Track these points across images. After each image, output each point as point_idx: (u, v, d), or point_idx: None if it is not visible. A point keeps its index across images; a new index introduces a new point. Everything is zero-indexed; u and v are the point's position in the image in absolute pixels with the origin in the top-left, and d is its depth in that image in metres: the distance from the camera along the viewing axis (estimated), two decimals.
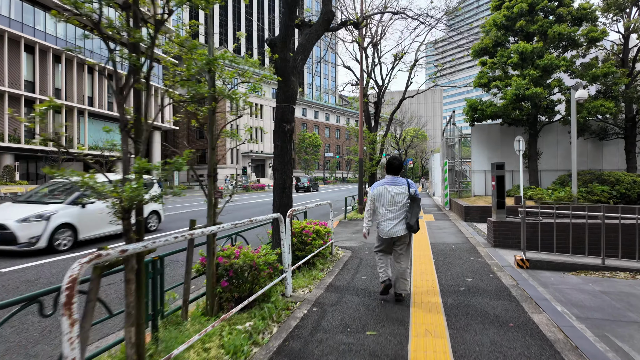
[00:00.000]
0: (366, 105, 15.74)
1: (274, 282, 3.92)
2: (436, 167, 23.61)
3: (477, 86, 12.75)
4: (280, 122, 5.06)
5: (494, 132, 13.97)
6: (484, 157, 14.04)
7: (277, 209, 4.93)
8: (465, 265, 5.42)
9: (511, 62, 11.50)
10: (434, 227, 9.49)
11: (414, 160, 70.20)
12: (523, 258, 5.10)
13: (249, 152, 55.85)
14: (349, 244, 7.45)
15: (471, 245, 6.86)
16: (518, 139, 10.57)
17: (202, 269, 3.66)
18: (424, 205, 16.50)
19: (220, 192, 3.62)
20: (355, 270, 5.38)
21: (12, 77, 28.22)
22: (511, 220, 6.56)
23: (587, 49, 11.41)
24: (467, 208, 10.42)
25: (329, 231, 6.22)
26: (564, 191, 10.41)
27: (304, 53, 5.42)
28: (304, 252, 5.34)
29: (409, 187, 3.93)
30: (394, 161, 4.05)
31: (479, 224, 9.99)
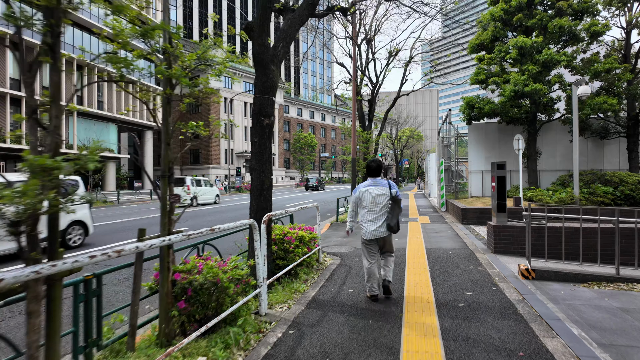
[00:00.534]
0: (360, 103, 15.23)
1: (245, 299, 3.37)
2: (432, 167, 23.15)
3: (474, 83, 12.28)
4: (258, 115, 4.51)
5: (492, 131, 13.51)
6: (481, 156, 13.57)
7: (255, 214, 4.38)
8: (464, 275, 4.90)
9: (509, 58, 11.03)
10: (430, 230, 8.97)
11: (409, 160, 69.91)
12: (528, 267, 4.59)
13: (243, 152, 55.18)
14: (338, 249, 6.91)
15: (470, 251, 6.34)
16: (517, 137, 10.10)
17: (157, 287, 3.10)
18: (420, 207, 16.01)
19: (177, 195, 3.07)
20: (342, 280, 4.84)
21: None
22: (513, 224, 6.06)
23: (589, 44, 10.97)
24: (464, 210, 9.93)
25: (315, 237, 5.68)
26: (566, 192, 9.94)
27: (285, 40, 4.87)
28: (285, 260, 4.80)
29: (390, 188, 3.99)
30: (372, 163, 4.13)
31: (477, 226, 9.49)
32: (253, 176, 4.51)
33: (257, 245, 3.69)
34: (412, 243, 7.17)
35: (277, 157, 63.11)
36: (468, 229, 8.98)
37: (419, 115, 63.40)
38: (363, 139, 14.36)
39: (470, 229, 9.10)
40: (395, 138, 51.21)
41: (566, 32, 10.71)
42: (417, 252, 6.31)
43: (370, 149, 14.81)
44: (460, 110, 12.95)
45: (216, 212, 15.10)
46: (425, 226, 9.66)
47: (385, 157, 65.31)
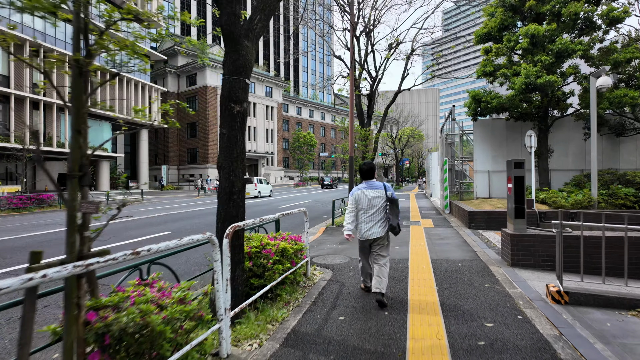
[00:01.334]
0: (358, 98, 14.37)
1: (197, 341, 2.52)
2: (434, 166, 22.29)
3: (481, 75, 11.40)
4: (227, 101, 3.65)
5: (499, 127, 12.64)
6: (487, 155, 12.70)
7: (222, 223, 3.52)
8: (479, 296, 4.04)
9: (519, 48, 10.16)
10: (434, 236, 8.11)
11: (410, 160, 69.02)
12: (560, 289, 3.73)
13: None
14: (331, 259, 6.05)
15: (482, 263, 5.48)
16: (529, 134, 9.24)
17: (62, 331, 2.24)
18: (422, 208, 15.15)
19: (93, 203, 2.20)
20: (332, 303, 3.98)
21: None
22: (534, 232, 5.19)
23: (605, 32, 10.09)
24: (471, 213, 9.07)
25: (301, 248, 4.82)
26: (582, 194, 9.08)
27: (264, 12, 4.01)
28: (262, 279, 3.94)
29: (385, 190, 4.00)
30: (364, 166, 4.15)
31: (486, 232, 8.63)
32: (221, 176, 3.65)
33: (217, 266, 2.83)
34: (415, 252, 6.31)
35: (276, 156, 62.29)
36: (477, 235, 8.11)
37: (419, 114, 62.56)
38: (361, 136, 13.49)
39: (479, 234, 8.24)
40: (395, 137, 50.36)
41: (581, 19, 9.84)
42: (422, 265, 5.45)
43: (369, 147, 13.94)
44: (465, 105, 12.09)
45: (192, 216, 14.25)
46: (429, 231, 8.80)
47: (385, 156, 64.45)
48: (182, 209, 16.50)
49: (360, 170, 4.17)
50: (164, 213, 14.56)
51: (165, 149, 54.86)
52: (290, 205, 17.88)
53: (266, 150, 59.86)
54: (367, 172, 4.13)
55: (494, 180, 12.60)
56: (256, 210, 15.37)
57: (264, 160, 59.47)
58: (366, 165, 4.15)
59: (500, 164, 12.56)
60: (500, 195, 12.47)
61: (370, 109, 14.30)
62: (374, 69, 14.22)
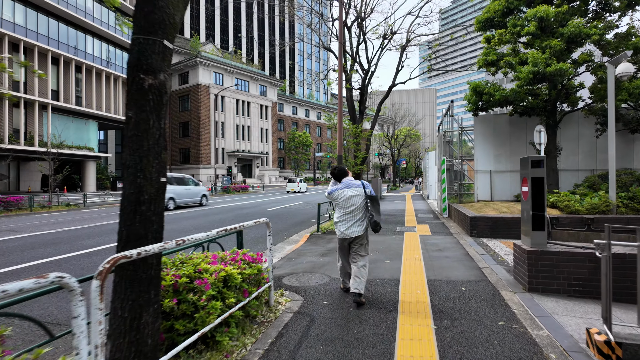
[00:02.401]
0: (349, 93, 13.28)
1: None
2: (431, 166, 21.24)
3: (482, 66, 10.35)
4: (134, 71, 2.53)
5: (502, 123, 11.59)
6: (489, 154, 11.65)
7: (123, 246, 2.41)
8: (493, 343, 2.95)
9: (526, 33, 9.10)
10: (432, 246, 7.02)
11: (407, 160, 68.05)
12: (609, 338, 2.64)
13: (234, 151, 53.16)
14: (307, 279, 4.95)
15: (491, 286, 4.39)
16: (539, 129, 8.18)
17: None
18: (418, 212, 14.08)
19: None
20: (292, 352, 2.87)
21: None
22: (558, 248, 4.10)
23: (622, 15, 9.06)
24: (473, 219, 7.99)
25: (258, 271, 3.71)
26: (598, 197, 8.03)
27: None
28: (194, 321, 2.82)
29: (364, 188, 4.03)
30: (334, 171, 4.18)
31: (490, 240, 7.55)
32: (126, 178, 2.53)
33: (78, 327, 1.72)
34: (408, 270, 5.21)
35: (271, 156, 61.22)
36: (480, 245, 7.02)
37: (416, 114, 61.64)
38: (352, 133, 12.40)
39: (483, 244, 7.15)
40: (392, 137, 49.37)
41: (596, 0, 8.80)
42: (416, 288, 4.35)
43: (361, 146, 12.85)
44: (465, 98, 11.02)
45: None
46: (426, 240, 7.71)
47: (382, 156, 63.46)
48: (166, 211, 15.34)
49: (332, 175, 4.19)
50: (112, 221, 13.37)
51: None
52: (279, 208, 16.77)
53: (260, 150, 58.70)
54: (338, 176, 4.14)
55: (497, 182, 11.55)
56: (238, 214, 14.24)
57: (258, 161, 58.32)
58: (336, 170, 4.19)
59: (503, 163, 11.51)
60: (504, 198, 11.42)
61: (362, 104, 13.21)
62: (366, 61, 13.13)
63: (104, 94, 35.40)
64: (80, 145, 33.80)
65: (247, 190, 36.59)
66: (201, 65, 49.95)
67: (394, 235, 8.32)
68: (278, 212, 15.16)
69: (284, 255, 6.85)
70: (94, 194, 23.52)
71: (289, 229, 10.32)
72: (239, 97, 54.74)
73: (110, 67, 36.85)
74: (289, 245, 7.95)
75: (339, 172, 4.17)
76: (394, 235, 8.41)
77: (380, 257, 6.10)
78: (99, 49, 36.01)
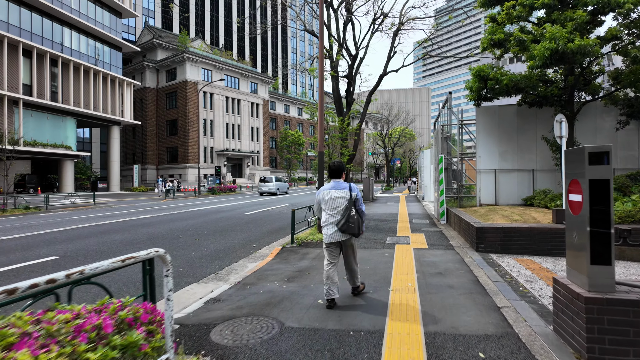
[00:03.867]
0: (335, 81, 11.71)
1: None
2: (426, 165, 19.78)
3: (488, 48, 8.85)
4: None
5: (508, 116, 10.10)
6: (493, 151, 10.16)
7: None
8: None
9: (542, 4, 7.60)
10: (429, 267, 5.47)
11: (401, 160, 66.71)
12: None
13: (224, 150, 51.38)
14: (249, 329, 3.35)
15: (525, 351, 2.82)
16: (560, 118, 6.68)
17: None
18: (412, 216, 12.57)
19: None
20: None
21: None
22: (636, 296, 2.55)
23: None
24: (480, 231, 6.45)
25: (129, 344, 2.11)
26: (632, 202, 6.55)
27: None
28: None
29: (350, 191, 3.89)
30: (332, 165, 4.00)
31: (501, 257, 6.02)
32: None
33: None
34: (397, 311, 3.65)
35: (262, 155, 59.54)
36: (491, 266, 5.48)
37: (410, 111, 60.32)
38: (338, 127, 10.83)
39: (494, 264, 5.61)
40: (385, 135, 47.97)
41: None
42: (408, 352, 2.79)
43: (348, 142, 11.29)
44: (466, 86, 9.51)
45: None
46: (422, 257, 6.16)
47: (376, 155, 62.07)
48: (127, 216, 13.66)
49: (329, 168, 3.99)
50: (91, 224, 11.70)
51: (144, 147, 51.68)
52: (259, 211, 15.17)
53: (251, 149, 56.97)
54: (335, 171, 3.96)
55: (502, 183, 10.06)
56: (209, 220, 12.61)
57: (249, 160, 56.58)
58: (335, 164, 3.98)
59: (509, 162, 10.03)
60: (510, 201, 9.93)
61: (349, 94, 11.65)
62: (354, 45, 11.56)
63: (82, 89, 33.46)
64: (56, 143, 31.87)
65: (234, 191, 34.91)
66: (189, 61, 48.11)
67: (383, 250, 6.77)
68: (257, 216, 13.56)
69: (240, 278, 5.27)
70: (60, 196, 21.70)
71: (261, 239, 8.74)
72: (229, 94, 52.97)
73: (90, 61, 34.95)
74: (252, 263, 6.38)
75: (336, 168, 3.94)
76: (382, 249, 6.86)
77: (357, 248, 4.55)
78: (77, 42, 34.09)
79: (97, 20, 36.03)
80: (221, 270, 5.97)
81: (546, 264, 5.49)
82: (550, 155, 9.43)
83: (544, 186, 9.60)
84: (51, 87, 31.34)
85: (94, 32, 35.30)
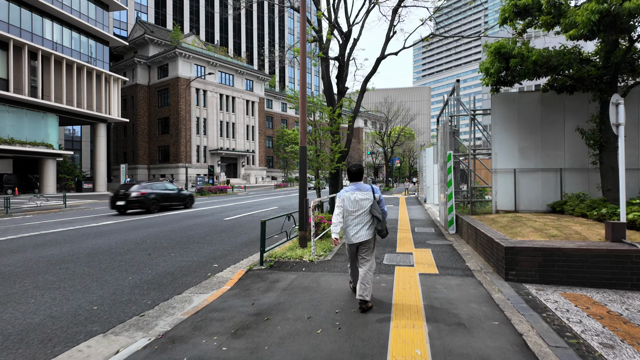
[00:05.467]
0: (325, 66, 10.00)
1: None
2: (428, 165, 18.08)
3: (509, 18, 7.12)
4: None
5: (530, 104, 8.41)
6: (513, 147, 8.47)
7: None
8: None
9: None
10: (443, 312, 3.76)
11: (401, 159, 64.98)
12: None
13: (218, 149, 49.65)
14: None
15: None
16: (616, 100, 4.98)
17: None
18: (414, 222, 10.88)
19: None
20: None
21: None
22: None
23: None
24: (510, 252, 4.72)
25: None
26: None
27: None
28: None
29: (373, 192, 3.94)
30: (352, 168, 4.03)
31: (544, 292, 4.29)
32: None
33: None
34: None
35: (258, 155, 57.87)
36: (538, 311, 3.72)
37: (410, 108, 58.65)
38: (328, 119, 9.13)
39: (541, 307, 3.86)
40: (384, 134, 46.29)
41: None
42: None
43: (339, 137, 9.58)
44: (481, 69, 7.79)
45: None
46: (432, 290, 4.45)
47: (375, 155, 60.39)
48: (88, 222, 11.94)
49: (349, 172, 4.03)
50: (37, 232, 9.97)
51: (135, 146, 49.97)
52: (242, 216, 13.46)
53: (247, 148, 55.27)
54: (356, 174, 4.01)
55: (523, 185, 8.37)
56: (178, 228, 10.90)
57: (243, 159, 54.88)
58: (355, 167, 4.01)
59: (531, 159, 8.34)
60: (533, 208, 8.25)
61: (341, 81, 9.95)
62: (346, 21, 9.83)
63: (64, 84, 31.67)
64: (36, 141, 30.10)
65: (225, 192, 33.15)
66: (181, 57, 46.41)
67: (378, 275, 5.07)
68: (237, 222, 11.86)
69: (169, 327, 3.59)
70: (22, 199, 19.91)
71: (229, 254, 7.04)
72: (223, 91, 51.25)
73: (73, 55, 33.18)
74: (200, 296, 4.68)
75: (357, 171, 4.00)
76: (377, 273, 5.15)
77: (344, 349, 2.85)
78: (59, 35, 32.32)
79: (82, 12, 34.26)
80: (152, 309, 4.28)
81: (613, 306, 3.79)
82: (584, 151, 7.75)
83: (575, 189, 7.91)
84: (30, 82, 29.58)
85: (78, 25, 33.53)
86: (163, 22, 60.28)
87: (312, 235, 6.24)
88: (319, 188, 9.21)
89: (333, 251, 6.80)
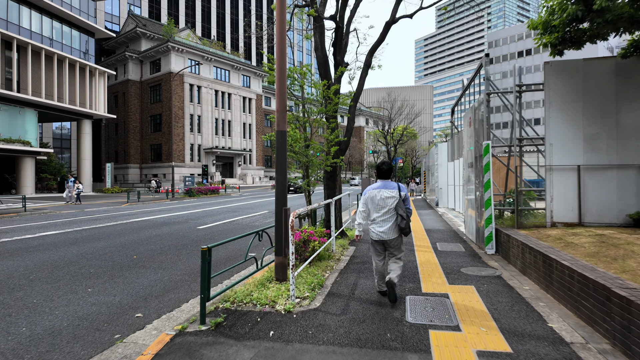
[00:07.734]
0: (319, 32, 7.66)
1: None
2: (441, 163, 15.75)
3: None
4: None
5: (601, 76, 6.07)
6: (574, 134, 6.13)
7: None
8: None
9: None
10: None
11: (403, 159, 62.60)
12: None
13: (212, 148, 47.34)
14: None
15: None
16: None
17: None
18: (432, 233, 8.55)
19: None
20: None
21: None
22: None
23: None
24: None
25: None
26: None
27: None
28: None
29: (399, 190, 3.94)
30: (383, 166, 4.04)
31: None
32: None
33: None
34: None
35: (255, 154, 55.55)
36: None
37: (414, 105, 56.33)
38: (321, 97, 6.80)
39: None
40: (387, 132, 43.99)
41: None
42: None
43: (336, 123, 7.23)
44: (533, 25, 5.43)
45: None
46: None
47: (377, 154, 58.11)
48: (26, 233, 9.63)
49: (378, 169, 4.01)
50: None
51: (126, 144, 47.70)
52: (223, 222, 11.16)
53: (243, 147, 52.97)
54: (386, 172, 4.00)
55: (591, 187, 6.03)
56: (142, 238, 8.57)
57: (240, 159, 52.57)
58: (385, 165, 4.01)
59: (603, 152, 6.00)
60: (605, 219, 5.92)
61: (338, 51, 7.61)
62: None
63: (43, 77, 29.38)
64: (11, 138, 27.82)
65: (217, 193, 30.87)
66: (174, 52, 44.15)
67: (402, 353, 2.72)
68: (212, 231, 9.56)
69: None
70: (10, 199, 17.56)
71: (170, 291, 4.73)
72: (218, 87, 48.96)
73: (54, 45, 30.93)
74: None
75: (387, 169, 3.99)
76: (402, 351, 2.81)
77: None
78: (38, 24, 30.06)
79: (65, 0, 31.99)
80: None
81: None
82: None
83: None
84: (5, 74, 27.33)
85: (60, 14, 31.27)
86: (157, 16, 58.03)
87: (291, 267, 3.92)
88: (309, 191, 6.88)
89: (326, 285, 4.49)
